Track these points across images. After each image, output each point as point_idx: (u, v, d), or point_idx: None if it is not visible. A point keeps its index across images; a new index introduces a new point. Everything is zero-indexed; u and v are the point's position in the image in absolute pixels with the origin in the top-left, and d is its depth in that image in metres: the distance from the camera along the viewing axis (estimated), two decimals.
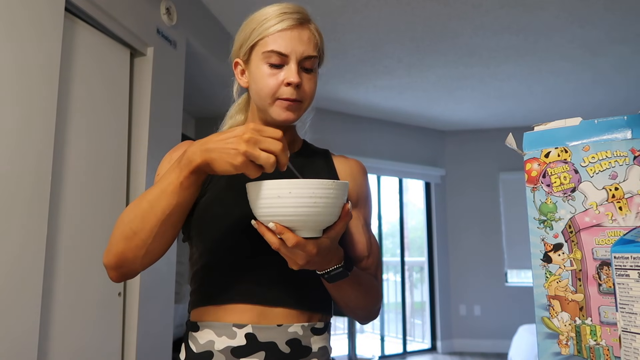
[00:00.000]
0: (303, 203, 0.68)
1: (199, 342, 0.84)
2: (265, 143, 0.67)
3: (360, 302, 0.89)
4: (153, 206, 0.74)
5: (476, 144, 5.72)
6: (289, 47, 0.85)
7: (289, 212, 0.68)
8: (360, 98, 4.64)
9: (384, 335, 5.70)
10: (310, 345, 0.86)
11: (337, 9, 2.86)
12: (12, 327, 1.46)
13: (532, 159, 0.63)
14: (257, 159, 0.67)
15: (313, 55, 0.87)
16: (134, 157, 2.20)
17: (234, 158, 0.67)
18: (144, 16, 2.21)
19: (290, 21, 0.86)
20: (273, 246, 0.71)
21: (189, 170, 0.71)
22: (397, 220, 5.68)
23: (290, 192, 0.67)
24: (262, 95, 0.87)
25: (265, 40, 0.86)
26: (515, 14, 2.96)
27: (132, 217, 0.75)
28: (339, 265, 0.78)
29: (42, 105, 1.60)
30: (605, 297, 0.56)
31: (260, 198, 0.69)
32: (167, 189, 0.73)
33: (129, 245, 0.76)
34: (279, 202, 0.68)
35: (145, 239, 0.75)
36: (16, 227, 1.49)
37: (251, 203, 0.72)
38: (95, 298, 1.90)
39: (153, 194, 0.74)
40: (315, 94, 0.92)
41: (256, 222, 0.72)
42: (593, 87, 4.30)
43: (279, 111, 0.87)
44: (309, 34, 0.88)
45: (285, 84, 0.85)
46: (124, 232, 0.76)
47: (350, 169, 1.00)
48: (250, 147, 0.67)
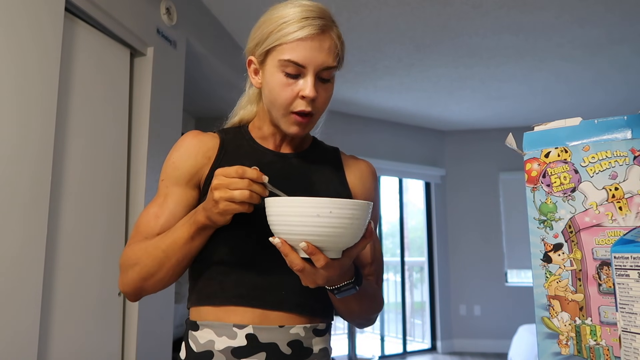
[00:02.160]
0: (341, 224, 0.65)
1: (199, 341, 0.84)
2: (233, 184, 0.70)
3: (362, 312, 0.89)
4: (167, 255, 0.81)
5: (476, 144, 5.72)
6: (307, 59, 0.80)
7: (326, 232, 0.65)
8: (360, 98, 4.64)
9: (384, 335, 5.70)
10: (311, 347, 0.85)
11: (337, 9, 2.85)
12: (12, 326, 1.46)
13: (532, 159, 0.63)
14: (233, 199, 0.70)
15: (332, 66, 0.83)
16: (134, 157, 2.20)
17: (215, 208, 0.72)
18: (144, 16, 2.21)
19: (312, 29, 0.80)
20: (295, 267, 0.69)
21: (197, 226, 0.78)
22: (397, 220, 5.68)
23: (332, 211, 0.64)
24: (276, 105, 0.84)
25: (283, 48, 0.81)
26: (515, 14, 2.96)
27: (148, 262, 0.82)
28: (349, 281, 0.76)
29: (42, 105, 1.60)
30: (605, 297, 0.56)
31: (292, 215, 0.65)
32: (179, 242, 0.80)
33: (147, 283, 0.84)
34: (316, 222, 0.64)
35: (162, 279, 0.83)
36: (16, 227, 1.49)
37: (275, 220, 0.68)
38: (95, 298, 1.90)
39: (167, 243, 0.81)
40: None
41: (281, 241, 0.68)
42: (593, 87, 4.30)
43: (290, 125, 0.85)
44: (329, 43, 0.82)
45: (300, 97, 0.82)
46: (141, 273, 0.83)
47: (361, 172, 0.97)
48: (221, 192, 0.71)
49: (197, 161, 0.88)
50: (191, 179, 0.88)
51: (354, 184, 0.96)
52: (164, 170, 0.90)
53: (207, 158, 0.89)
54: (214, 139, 0.92)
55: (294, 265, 0.69)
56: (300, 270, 0.69)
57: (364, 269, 0.93)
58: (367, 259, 0.93)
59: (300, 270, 0.69)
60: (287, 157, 0.93)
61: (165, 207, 0.87)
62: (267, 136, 0.93)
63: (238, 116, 0.99)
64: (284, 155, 0.93)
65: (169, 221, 0.86)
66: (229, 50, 3.15)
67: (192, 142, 0.90)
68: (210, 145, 0.90)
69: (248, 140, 0.93)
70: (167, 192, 0.88)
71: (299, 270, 0.69)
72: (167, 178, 0.89)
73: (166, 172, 0.90)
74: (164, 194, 0.88)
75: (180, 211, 0.87)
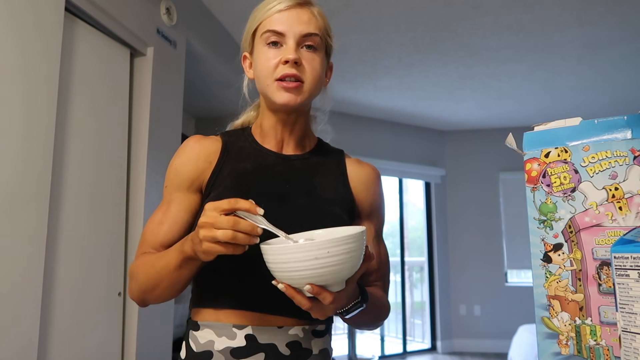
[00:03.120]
0: (340, 260, 0.66)
1: (199, 341, 0.84)
2: (217, 223, 0.65)
3: (370, 321, 0.90)
4: (161, 276, 0.81)
5: (476, 144, 5.71)
6: (286, 26, 0.84)
7: (327, 271, 0.65)
8: (360, 98, 4.64)
9: (384, 335, 5.69)
10: (310, 348, 0.86)
11: (337, 9, 2.85)
12: (12, 326, 1.46)
13: (532, 159, 0.63)
14: (215, 239, 0.66)
15: (313, 32, 0.85)
16: (134, 157, 2.20)
17: (199, 246, 0.68)
18: (144, 16, 2.21)
19: (289, 2, 0.85)
20: (305, 307, 0.70)
21: (183, 256, 0.75)
22: (397, 220, 5.68)
23: (329, 251, 0.64)
24: (262, 78, 0.86)
25: (264, 23, 0.86)
26: (515, 14, 2.96)
27: (147, 280, 0.83)
28: (356, 301, 0.77)
29: (42, 105, 1.60)
30: (605, 297, 0.55)
31: (291, 262, 0.66)
32: (169, 267, 0.79)
33: (148, 296, 0.85)
34: (316, 264, 0.65)
35: (159, 295, 0.84)
36: (16, 227, 1.49)
37: (275, 267, 0.68)
38: (95, 298, 1.90)
39: (160, 265, 0.80)
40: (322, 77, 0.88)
41: (285, 286, 0.69)
42: (593, 87, 4.30)
43: (279, 94, 0.84)
44: (309, 15, 0.86)
45: (283, 62, 0.83)
46: (141, 287, 0.84)
47: (366, 176, 0.96)
48: (205, 231, 0.66)
49: (197, 166, 0.88)
50: (192, 184, 0.88)
51: (358, 188, 0.94)
52: (167, 176, 0.91)
53: (209, 162, 0.89)
54: (216, 143, 0.92)
55: (302, 305, 0.70)
56: (309, 308, 0.70)
57: (370, 275, 0.94)
58: (373, 266, 0.93)
59: (309, 309, 0.70)
60: (289, 159, 0.92)
61: (169, 214, 0.87)
62: (268, 130, 0.92)
63: (241, 119, 1.00)
64: (286, 157, 0.92)
65: (172, 227, 0.87)
66: (229, 50, 3.15)
67: (194, 147, 0.90)
68: (212, 149, 0.90)
69: (251, 142, 0.93)
70: (170, 199, 0.89)
71: (308, 309, 0.70)
72: (170, 184, 0.89)
73: (169, 179, 0.90)
74: (167, 201, 0.89)
75: (182, 217, 0.87)
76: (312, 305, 0.70)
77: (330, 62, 0.95)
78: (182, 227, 0.87)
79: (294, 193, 0.87)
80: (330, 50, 0.92)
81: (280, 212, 0.80)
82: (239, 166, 0.89)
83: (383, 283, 0.95)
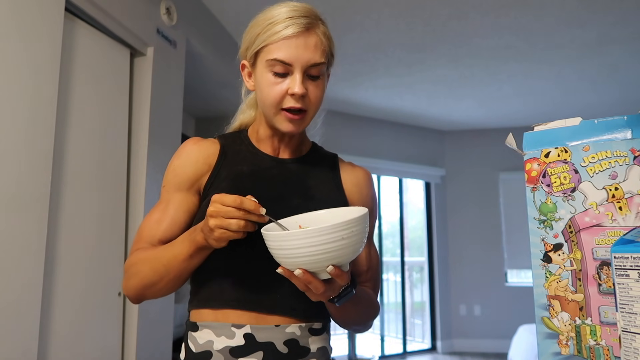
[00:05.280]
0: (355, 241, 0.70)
1: (198, 342, 0.85)
2: (229, 214, 0.71)
3: (359, 318, 0.91)
4: (168, 269, 0.82)
5: (476, 144, 5.71)
6: (293, 57, 0.82)
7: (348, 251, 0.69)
8: (360, 98, 4.64)
9: (383, 335, 5.70)
10: (308, 346, 0.86)
11: (337, 9, 2.86)
12: (12, 327, 1.46)
13: (532, 159, 0.63)
14: (229, 228, 0.71)
15: (320, 62, 0.84)
16: (134, 156, 2.20)
17: (211, 234, 0.73)
18: (144, 16, 2.21)
19: (296, 27, 0.82)
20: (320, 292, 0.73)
21: (195, 247, 0.79)
22: (397, 220, 5.68)
23: (352, 230, 0.68)
24: (267, 105, 0.86)
25: (270, 48, 0.83)
26: (515, 14, 2.96)
27: (151, 273, 0.84)
28: (346, 285, 0.77)
29: (42, 105, 1.60)
30: (605, 297, 0.56)
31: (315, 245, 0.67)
32: (179, 257, 0.81)
33: (148, 291, 0.86)
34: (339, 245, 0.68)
35: (162, 288, 0.85)
36: (16, 227, 1.49)
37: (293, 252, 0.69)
38: (95, 298, 1.90)
39: (167, 258, 0.82)
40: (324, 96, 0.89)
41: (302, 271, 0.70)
42: (593, 87, 4.30)
43: (283, 123, 0.86)
44: (315, 40, 0.84)
45: (289, 94, 0.83)
46: (142, 281, 0.85)
47: (357, 179, 0.98)
48: (218, 220, 0.71)
49: (197, 168, 0.90)
50: (192, 186, 0.89)
51: (351, 190, 0.97)
52: (166, 176, 0.92)
53: (208, 165, 0.90)
54: (214, 145, 0.93)
55: (318, 290, 0.72)
56: (323, 292, 0.73)
57: (360, 276, 0.95)
58: (362, 267, 0.95)
59: (323, 293, 0.73)
60: (285, 163, 0.94)
61: (167, 213, 0.88)
62: (265, 139, 0.94)
63: (238, 121, 1.01)
64: (282, 161, 0.94)
65: (171, 226, 0.88)
66: (229, 50, 3.15)
67: (193, 149, 0.91)
68: (211, 152, 0.92)
69: (247, 145, 0.95)
70: (168, 198, 0.90)
71: (323, 293, 0.73)
72: (169, 184, 0.90)
73: (167, 179, 0.91)
74: (165, 200, 0.90)
75: (180, 217, 0.89)
76: (325, 288, 0.73)
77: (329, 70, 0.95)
78: (180, 227, 0.89)
79: (289, 194, 0.89)
80: (331, 65, 0.92)
81: (276, 213, 0.81)
82: (236, 169, 0.90)
83: (373, 285, 0.97)
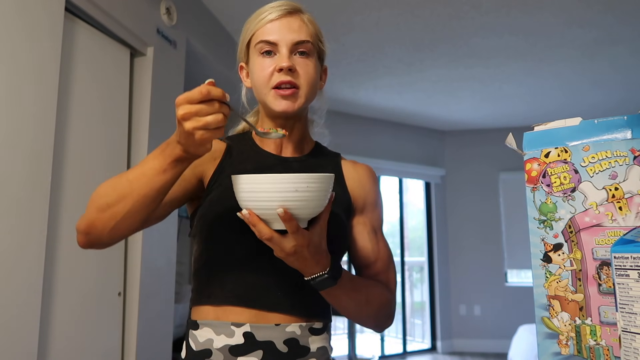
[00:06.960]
0: (313, 196, 0.71)
1: (199, 340, 0.85)
2: (202, 111, 0.65)
3: (362, 312, 0.88)
4: (132, 185, 0.74)
5: (476, 144, 5.71)
6: (278, 35, 0.87)
7: (301, 204, 0.70)
8: (360, 98, 4.64)
9: (383, 335, 5.69)
10: (308, 345, 0.86)
11: (337, 9, 2.85)
12: (12, 326, 1.46)
13: (532, 159, 0.63)
14: (208, 126, 0.65)
15: (305, 39, 0.88)
16: (134, 157, 2.19)
17: (191, 140, 0.67)
18: (144, 16, 2.21)
19: (279, 11, 0.88)
20: (265, 236, 0.71)
21: (172, 158, 0.72)
22: (397, 220, 5.68)
23: (308, 185, 0.70)
24: (258, 86, 0.89)
25: (256, 34, 0.89)
26: (515, 14, 2.96)
27: (110, 192, 0.76)
28: (323, 272, 0.77)
29: (42, 105, 1.60)
30: (605, 297, 0.56)
31: (269, 192, 0.69)
32: (148, 172, 0.73)
33: (100, 217, 0.77)
34: (293, 196, 0.69)
35: (116, 214, 0.75)
36: (16, 227, 1.49)
37: (248, 195, 0.71)
38: (95, 298, 1.90)
39: (134, 174, 0.75)
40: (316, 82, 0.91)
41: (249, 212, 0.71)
42: (593, 88, 4.30)
43: (276, 102, 0.87)
44: (299, 22, 0.89)
45: (277, 70, 0.86)
46: (98, 203, 0.77)
47: (359, 175, 0.99)
48: (193, 122, 0.65)
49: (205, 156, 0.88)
50: (196, 167, 0.89)
51: (353, 186, 0.98)
52: None
53: (214, 158, 0.92)
54: (220, 144, 0.95)
55: (263, 234, 0.71)
56: (269, 238, 0.71)
57: (367, 268, 0.95)
58: (369, 258, 0.94)
59: (269, 239, 0.71)
60: (288, 161, 0.95)
61: None
62: None
63: (241, 125, 1.03)
64: (285, 159, 0.95)
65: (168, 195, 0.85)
66: (229, 50, 3.15)
67: None
68: (217, 148, 0.94)
69: (251, 145, 0.97)
70: None
71: (268, 239, 0.71)
72: None
73: None
74: None
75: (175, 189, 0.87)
76: (272, 235, 0.71)
77: (324, 65, 0.98)
78: (171, 197, 0.86)
79: None
80: (323, 54, 0.95)
81: None
82: (239, 167, 0.92)
83: (386, 277, 0.95)
